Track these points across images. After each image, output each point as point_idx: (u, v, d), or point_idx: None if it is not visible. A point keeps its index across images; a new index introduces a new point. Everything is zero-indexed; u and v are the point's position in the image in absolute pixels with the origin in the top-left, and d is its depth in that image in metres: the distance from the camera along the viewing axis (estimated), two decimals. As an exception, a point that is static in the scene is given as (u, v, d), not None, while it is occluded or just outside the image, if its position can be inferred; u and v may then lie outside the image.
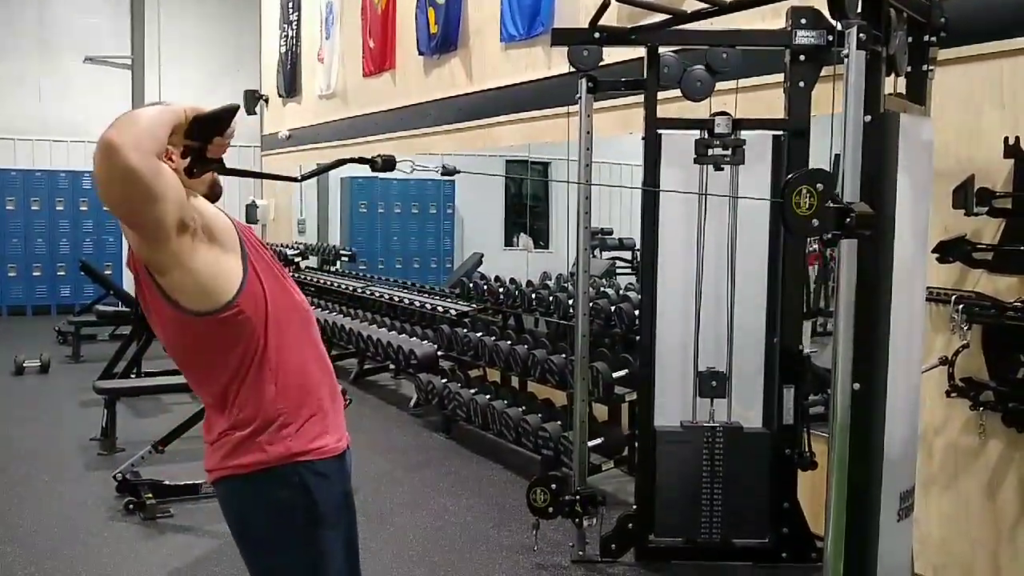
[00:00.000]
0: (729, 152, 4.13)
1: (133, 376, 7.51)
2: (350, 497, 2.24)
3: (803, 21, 3.86)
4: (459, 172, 2.36)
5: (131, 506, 4.99)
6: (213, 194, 2.12)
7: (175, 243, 1.91)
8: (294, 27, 11.86)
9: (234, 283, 2.02)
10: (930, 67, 3.24)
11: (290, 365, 2.11)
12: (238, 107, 2.04)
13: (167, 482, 5.13)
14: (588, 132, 4.27)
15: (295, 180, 2.31)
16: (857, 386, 2.75)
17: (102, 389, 6.35)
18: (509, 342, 6.18)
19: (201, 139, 1.97)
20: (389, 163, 2.16)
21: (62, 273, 13.20)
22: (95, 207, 13.22)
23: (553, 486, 4.36)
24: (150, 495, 4.99)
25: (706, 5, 3.52)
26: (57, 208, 13.22)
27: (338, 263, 11.08)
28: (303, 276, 10.56)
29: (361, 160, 2.18)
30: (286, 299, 2.15)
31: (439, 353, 7.05)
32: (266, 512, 2.13)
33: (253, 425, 2.08)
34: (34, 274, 13.18)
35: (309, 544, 2.13)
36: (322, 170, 2.58)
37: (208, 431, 2.18)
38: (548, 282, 7.19)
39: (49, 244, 13.21)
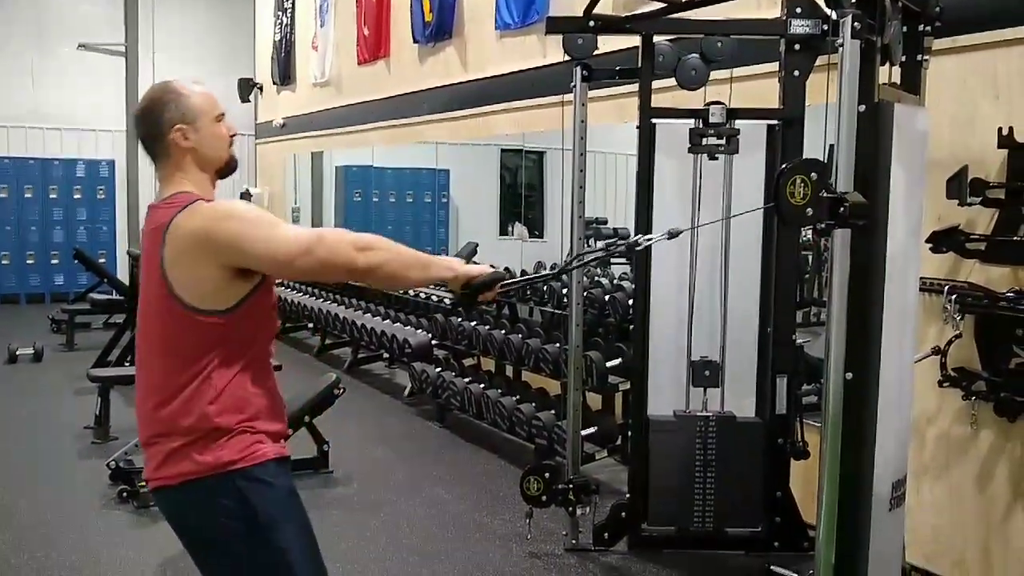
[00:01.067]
0: (723, 141, 4.12)
1: (127, 364, 7.50)
2: (294, 495, 2.21)
3: (798, 10, 3.85)
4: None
5: (124, 494, 4.99)
6: (229, 168, 2.24)
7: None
8: (288, 15, 11.81)
9: (240, 294, 2.09)
10: (925, 57, 3.23)
11: (239, 376, 2.12)
12: (504, 276, 2.30)
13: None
14: (583, 121, 4.27)
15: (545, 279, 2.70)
16: (850, 376, 2.75)
17: (96, 377, 6.35)
18: (503, 331, 6.19)
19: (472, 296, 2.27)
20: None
21: (56, 261, 13.18)
22: (89, 195, 13.21)
23: (546, 475, 4.37)
24: (143, 483, 4.98)
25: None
26: (51, 196, 13.19)
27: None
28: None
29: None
30: (271, 310, 2.22)
31: (433, 342, 7.05)
32: (206, 520, 2.14)
33: (185, 433, 2.09)
34: (27, 262, 13.16)
35: (255, 548, 2.12)
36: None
37: (141, 426, 2.18)
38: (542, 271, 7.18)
39: (42, 232, 13.18)
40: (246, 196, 12.63)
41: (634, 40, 4.27)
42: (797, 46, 3.94)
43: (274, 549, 2.12)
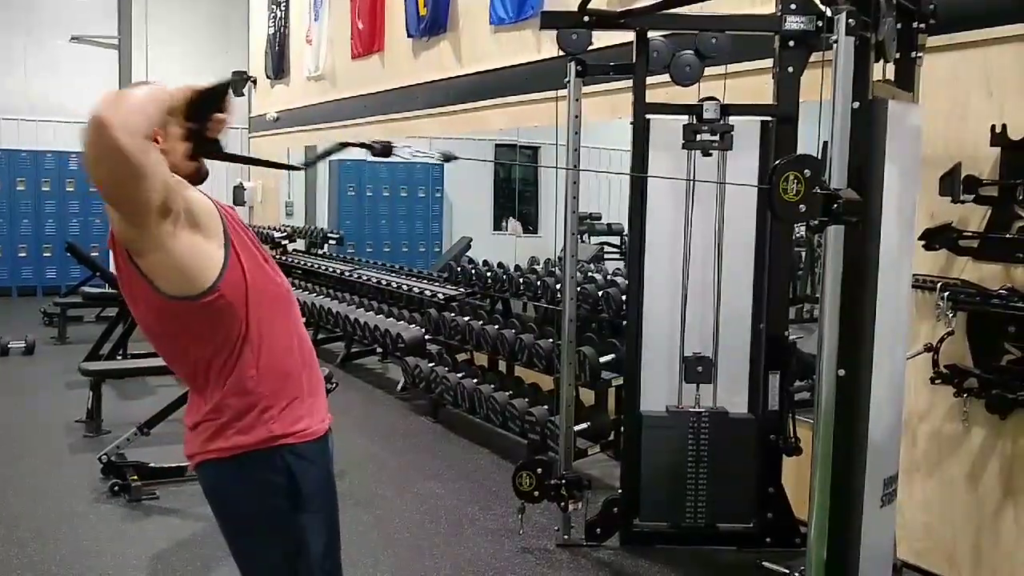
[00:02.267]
0: (717, 138, 4.13)
1: (119, 358, 7.50)
2: (332, 480, 2.25)
3: (793, 7, 3.85)
4: (456, 159, 2.36)
5: (116, 488, 4.98)
6: (199, 176, 2.09)
7: (157, 226, 1.89)
8: (283, 8, 11.78)
9: (215, 269, 2.00)
10: (918, 54, 3.24)
11: (271, 350, 2.10)
12: (230, 81, 2.04)
13: (152, 464, 5.11)
14: (577, 116, 4.26)
15: (296, 168, 2.34)
16: (842, 372, 2.76)
17: (88, 371, 6.33)
18: (497, 326, 6.18)
19: (199, 119, 1.96)
20: (387, 149, 2.16)
21: (48, 254, 13.14)
22: (81, 188, 13.15)
23: (539, 470, 4.37)
24: (135, 477, 4.99)
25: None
26: (43, 189, 13.15)
27: (326, 246, 11.06)
28: (290, 259, 10.52)
29: (361, 145, 2.17)
30: (268, 285, 2.14)
31: (426, 337, 7.05)
32: (248, 495, 2.13)
33: (234, 409, 2.07)
34: (20, 255, 13.12)
35: (289, 527, 2.13)
36: (323, 155, 2.58)
37: (188, 415, 2.18)
38: (536, 266, 7.19)
39: (35, 225, 13.14)
40: (239, 190, 12.62)
41: (628, 36, 4.27)
42: (791, 42, 3.94)
43: (302, 529, 2.13)
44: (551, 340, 5.56)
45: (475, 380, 6.15)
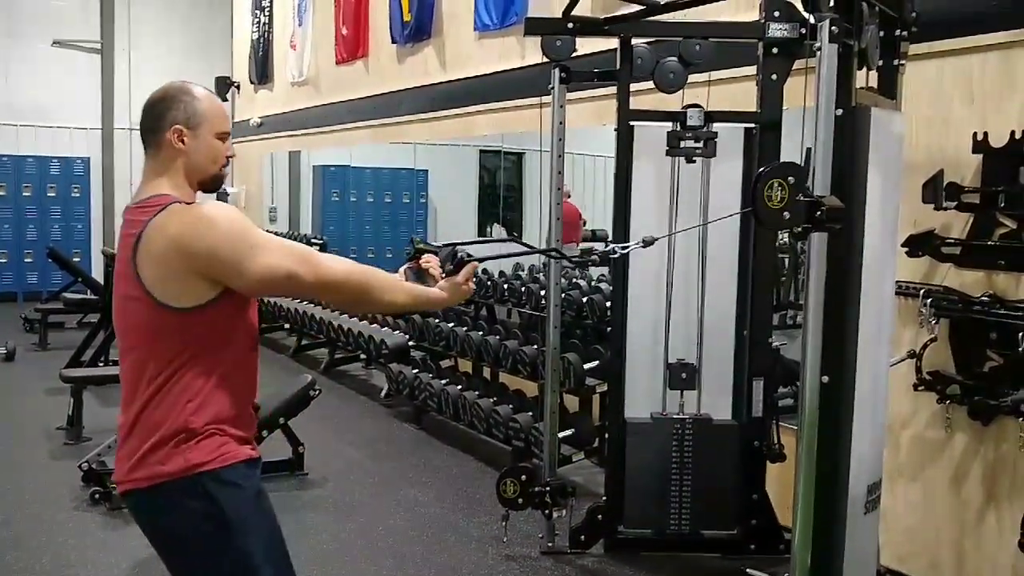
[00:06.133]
0: (701, 144, 4.13)
1: (100, 364, 7.43)
2: (263, 496, 2.21)
3: (776, 14, 3.86)
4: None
5: (97, 496, 4.94)
6: (213, 184, 2.24)
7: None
8: (266, 13, 11.74)
9: (209, 295, 2.07)
10: (901, 61, 3.25)
11: (214, 380, 2.12)
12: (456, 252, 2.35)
13: (134, 472, 5.07)
14: (561, 123, 4.26)
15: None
16: (826, 379, 2.76)
17: (69, 377, 6.28)
18: (481, 332, 6.17)
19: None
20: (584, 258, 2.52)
21: (29, 260, 13.04)
22: (63, 193, 13.08)
23: (523, 477, 4.36)
24: (115, 485, 4.93)
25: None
26: (24, 194, 13.05)
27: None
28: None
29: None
30: (247, 318, 2.21)
31: (410, 343, 7.03)
32: (176, 522, 2.14)
33: (158, 434, 2.08)
34: (0, 261, 13.00)
35: (224, 550, 2.12)
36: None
37: (122, 420, 2.19)
38: (520, 273, 7.17)
39: (16, 230, 13.03)
40: (222, 196, 12.55)
41: (613, 42, 4.27)
42: (775, 50, 3.95)
43: (241, 552, 2.12)
44: (535, 346, 5.56)
45: (459, 387, 6.14)
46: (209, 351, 2.10)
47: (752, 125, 4.16)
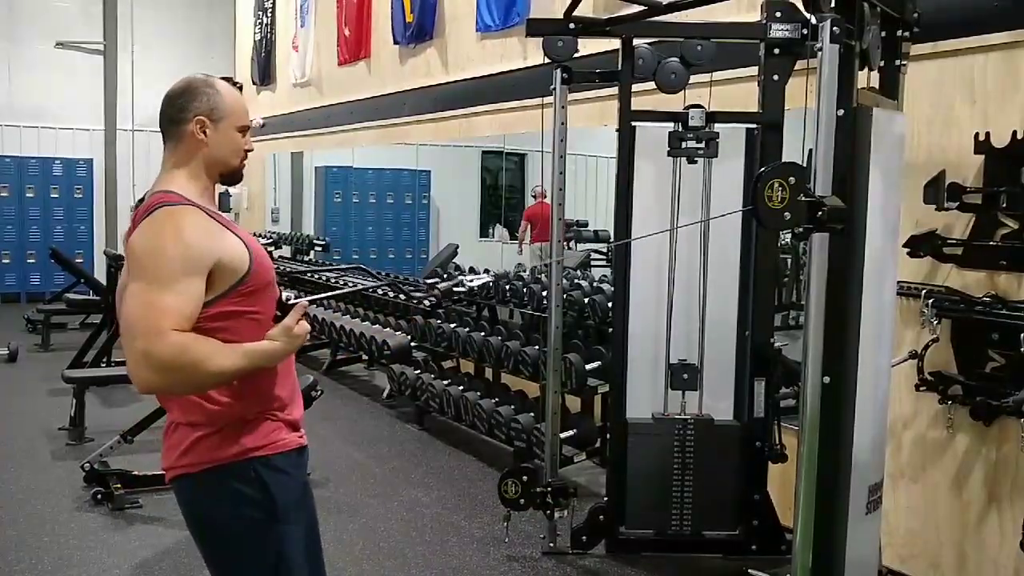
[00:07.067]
0: (703, 145, 4.13)
1: (103, 365, 7.45)
2: (308, 489, 2.24)
3: (778, 14, 3.86)
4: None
5: (99, 496, 4.95)
6: (233, 178, 2.29)
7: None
8: (269, 14, 11.76)
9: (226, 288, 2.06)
10: (903, 62, 3.24)
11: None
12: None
13: (136, 472, 5.08)
14: (563, 123, 4.26)
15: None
16: (827, 379, 2.75)
17: (71, 378, 6.29)
18: (483, 333, 6.17)
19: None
20: None
21: (32, 261, 13.06)
22: (66, 194, 13.10)
23: (525, 478, 4.36)
24: (118, 485, 4.95)
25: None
26: (27, 195, 13.07)
27: (312, 252, 11.02)
28: (276, 266, 10.48)
29: None
30: (267, 308, 2.19)
31: (412, 344, 7.02)
32: (223, 508, 2.13)
33: (210, 422, 2.08)
34: (3, 261, 13.03)
35: (268, 539, 2.12)
36: None
37: (167, 425, 2.20)
38: (522, 273, 7.17)
39: (19, 231, 13.05)
40: (225, 196, 12.56)
41: (614, 43, 4.28)
42: (776, 50, 3.95)
43: (283, 540, 2.13)
44: (537, 347, 5.56)
45: (461, 387, 6.14)
46: (245, 339, 2.07)
47: (754, 125, 4.16)
